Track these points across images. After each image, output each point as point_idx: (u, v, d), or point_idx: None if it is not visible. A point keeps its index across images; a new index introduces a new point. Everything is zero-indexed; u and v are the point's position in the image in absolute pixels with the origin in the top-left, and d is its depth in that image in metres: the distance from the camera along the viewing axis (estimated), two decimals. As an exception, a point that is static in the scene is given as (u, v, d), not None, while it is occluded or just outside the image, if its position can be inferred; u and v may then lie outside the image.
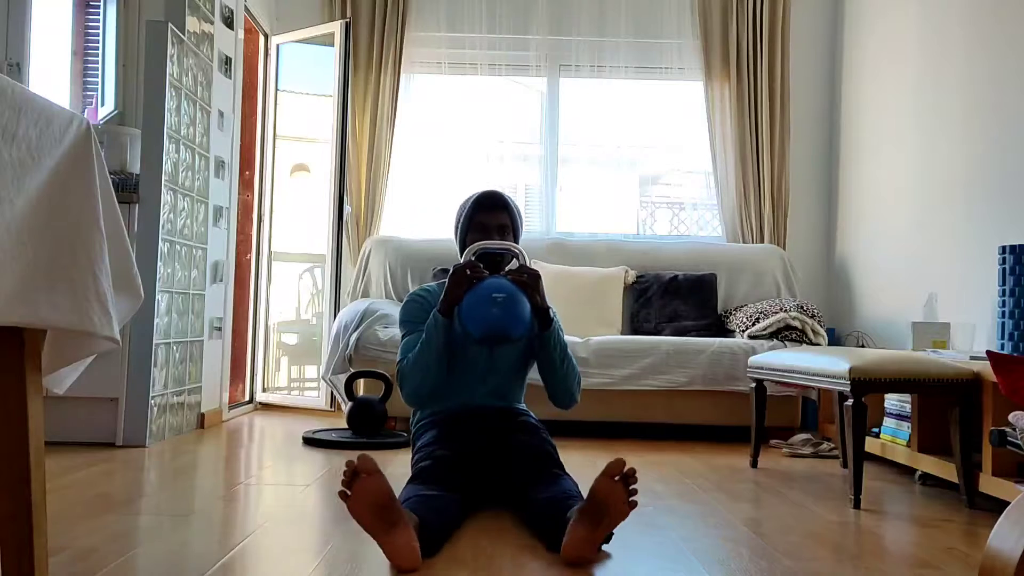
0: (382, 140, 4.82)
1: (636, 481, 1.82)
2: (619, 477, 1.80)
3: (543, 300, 2.37)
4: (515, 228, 2.55)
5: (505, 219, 2.51)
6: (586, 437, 3.82)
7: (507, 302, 2.25)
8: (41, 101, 1.24)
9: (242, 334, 4.62)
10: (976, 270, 3.41)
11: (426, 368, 2.35)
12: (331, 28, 4.61)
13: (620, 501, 1.80)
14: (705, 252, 4.64)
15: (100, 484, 2.55)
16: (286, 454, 3.22)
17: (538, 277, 2.37)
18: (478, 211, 2.51)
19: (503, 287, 2.28)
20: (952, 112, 3.64)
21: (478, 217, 2.51)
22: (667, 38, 4.91)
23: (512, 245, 2.45)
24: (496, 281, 2.30)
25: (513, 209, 2.55)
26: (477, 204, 2.52)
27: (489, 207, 2.51)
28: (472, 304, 2.27)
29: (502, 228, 2.50)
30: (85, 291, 1.27)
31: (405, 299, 2.56)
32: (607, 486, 1.79)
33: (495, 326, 2.24)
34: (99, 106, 3.76)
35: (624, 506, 1.81)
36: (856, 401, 2.57)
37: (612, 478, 1.80)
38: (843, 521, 2.35)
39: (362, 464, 1.76)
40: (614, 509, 1.81)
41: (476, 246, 2.41)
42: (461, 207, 2.58)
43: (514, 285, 2.30)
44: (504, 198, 2.54)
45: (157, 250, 3.30)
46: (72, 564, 1.73)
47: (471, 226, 2.51)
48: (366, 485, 1.75)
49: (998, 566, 1.22)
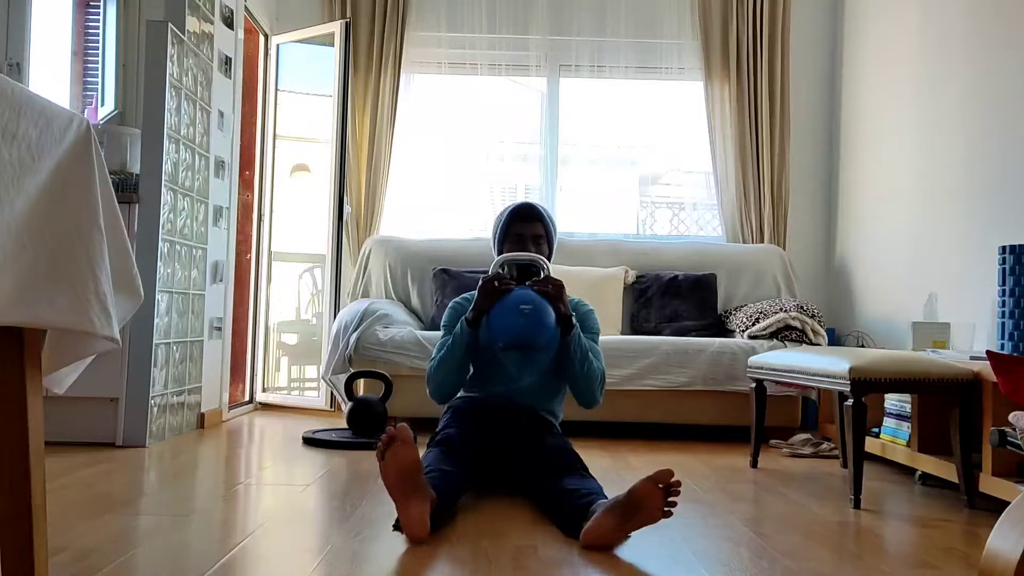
0: (382, 140, 4.82)
1: (679, 494, 1.90)
2: (663, 485, 1.88)
3: (567, 309, 2.53)
4: (549, 237, 2.72)
5: (540, 229, 2.69)
6: (586, 437, 3.82)
7: (533, 313, 2.42)
8: (41, 101, 1.24)
9: (242, 334, 4.62)
10: (976, 270, 3.41)
11: (447, 371, 2.57)
12: (331, 28, 4.61)
13: (656, 506, 1.89)
14: (705, 252, 4.64)
15: (100, 484, 2.55)
16: (286, 454, 3.22)
17: (562, 287, 2.53)
18: (514, 222, 2.70)
19: (529, 298, 2.45)
20: (952, 112, 3.64)
21: (514, 228, 2.69)
22: (667, 38, 4.91)
23: (536, 256, 2.59)
24: (523, 292, 2.47)
25: (547, 219, 2.72)
26: (513, 215, 2.70)
27: (525, 218, 2.69)
28: (500, 314, 2.45)
29: (537, 238, 2.68)
30: (85, 291, 1.27)
31: (449, 305, 2.75)
32: (650, 489, 1.88)
33: (521, 335, 2.42)
34: (99, 106, 3.76)
35: (658, 512, 1.90)
36: (856, 401, 2.57)
37: (656, 484, 1.88)
38: (843, 521, 2.35)
39: (400, 433, 1.95)
40: (649, 511, 1.89)
41: (502, 258, 2.59)
42: (498, 219, 2.76)
43: (539, 296, 2.46)
44: (538, 209, 2.72)
45: (157, 250, 3.30)
46: (72, 564, 1.73)
47: (507, 237, 2.69)
48: (400, 451, 1.94)
49: (998, 566, 1.21)
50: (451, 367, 2.56)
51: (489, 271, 2.56)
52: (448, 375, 2.57)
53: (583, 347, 2.57)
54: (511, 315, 2.43)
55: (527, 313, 2.41)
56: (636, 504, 1.89)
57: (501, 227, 2.71)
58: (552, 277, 2.54)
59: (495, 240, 2.74)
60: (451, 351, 2.55)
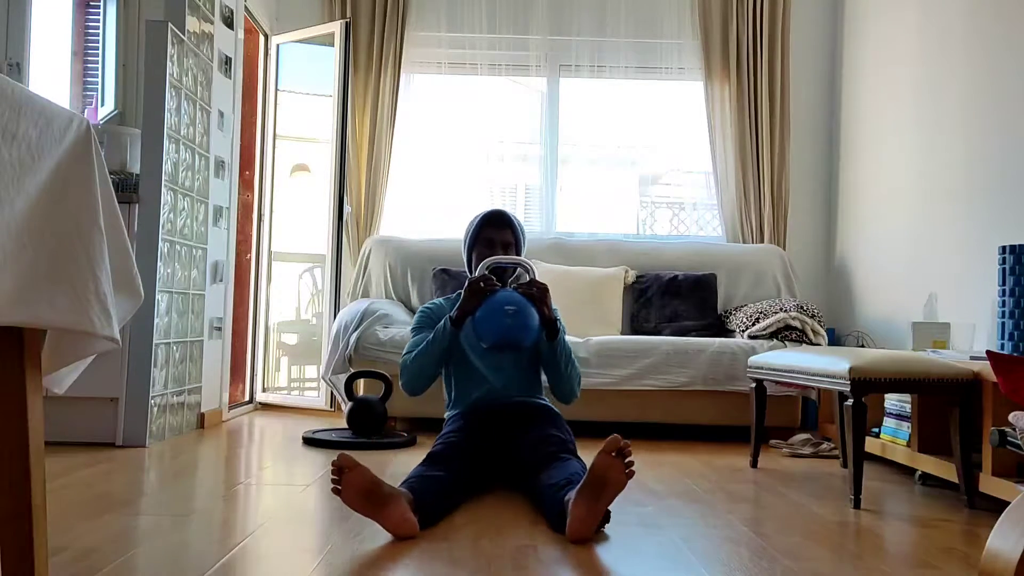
0: (382, 140, 4.82)
1: (631, 454, 1.99)
2: (616, 453, 1.96)
3: (551, 311, 2.61)
4: (518, 244, 2.82)
5: (509, 236, 2.78)
6: (586, 437, 3.82)
7: (518, 314, 2.50)
8: (41, 101, 1.24)
9: (242, 334, 4.62)
10: (976, 270, 3.41)
11: (422, 366, 2.66)
12: (331, 28, 4.61)
13: (618, 473, 1.96)
14: (705, 252, 4.64)
15: (100, 484, 2.55)
16: (286, 454, 3.22)
17: (546, 290, 2.61)
18: (485, 226, 2.78)
19: (514, 300, 2.52)
20: (952, 112, 3.64)
21: (485, 232, 2.77)
22: (667, 38, 4.91)
23: (522, 260, 2.70)
24: (508, 294, 2.55)
25: (517, 227, 2.82)
26: (485, 220, 2.79)
27: (496, 224, 2.78)
28: (485, 315, 2.52)
29: (506, 244, 2.77)
30: (85, 291, 1.27)
31: (418, 310, 2.87)
32: (607, 461, 1.96)
33: (506, 336, 2.49)
34: (99, 106, 3.76)
35: (623, 476, 1.97)
36: (856, 401, 2.57)
37: (610, 454, 1.96)
38: (843, 521, 2.35)
39: (343, 461, 2.00)
40: (614, 481, 1.97)
41: (489, 260, 2.66)
42: (470, 224, 2.85)
43: (524, 298, 2.54)
44: (509, 217, 2.81)
45: (157, 250, 3.30)
46: (72, 564, 1.73)
47: (478, 240, 2.77)
48: (351, 478, 1.99)
49: (998, 566, 1.21)
50: (429, 360, 2.64)
51: (475, 273, 2.66)
52: (425, 367, 2.65)
53: (568, 350, 2.69)
54: (496, 316, 2.50)
55: (512, 314, 2.49)
56: (600, 480, 1.96)
57: (473, 231, 2.80)
58: (537, 280, 2.62)
59: (466, 244, 2.83)
60: (431, 345, 2.64)
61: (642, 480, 2.85)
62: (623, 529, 2.16)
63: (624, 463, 1.96)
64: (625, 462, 1.96)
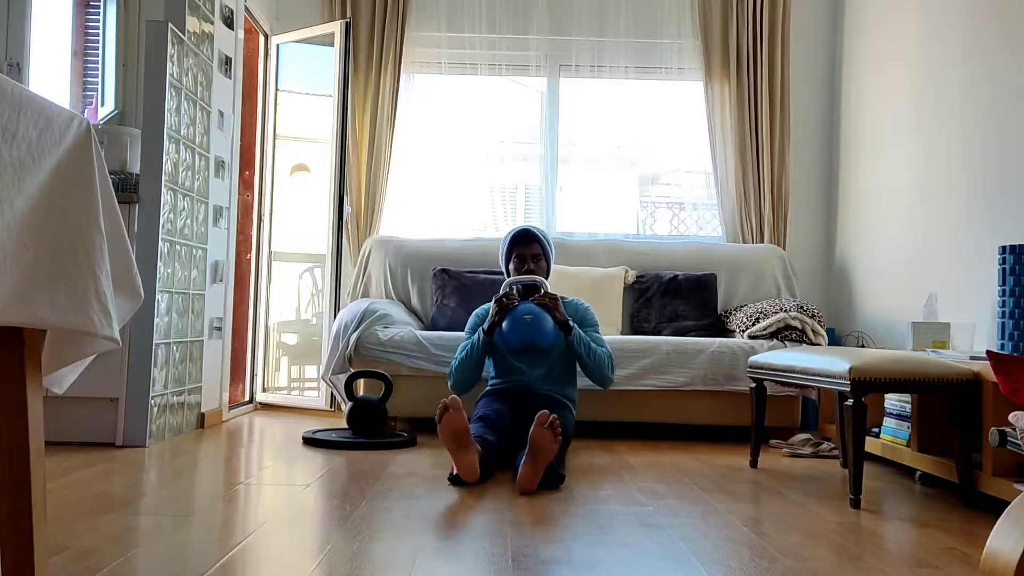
0: (382, 140, 4.82)
1: (558, 426, 2.56)
2: (547, 424, 2.54)
3: (563, 316, 3.22)
4: (546, 253, 3.39)
5: (537, 248, 3.36)
6: (586, 437, 3.83)
7: (534, 322, 3.10)
8: (41, 101, 1.24)
9: (242, 334, 4.62)
10: (976, 270, 3.41)
11: (466, 369, 3.28)
12: (331, 28, 4.61)
13: (549, 441, 2.54)
14: (705, 252, 4.64)
15: (100, 484, 2.55)
16: (286, 454, 3.22)
17: (557, 300, 3.23)
18: (515, 245, 3.37)
19: (531, 310, 3.13)
20: (952, 112, 3.64)
21: (516, 250, 3.36)
22: (667, 38, 4.92)
23: (535, 277, 3.28)
24: (526, 306, 3.16)
25: (542, 238, 3.38)
26: (513, 241, 3.38)
27: (521, 241, 3.36)
28: (510, 325, 3.13)
29: (535, 256, 3.35)
30: (85, 291, 1.26)
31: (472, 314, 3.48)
32: (539, 432, 2.54)
33: (526, 339, 3.09)
34: (99, 106, 3.76)
35: (553, 444, 2.54)
36: (856, 401, 2.57)
37: (542, 426, 2.54)
38: (843, 521, 2.35)
39: (451, 403, 2.60)
40: (546, 448, 2.54)
41: (510, 280, 3.31)
42: (503, 242, 3.43)
43: (540, 308, 3.15)
44: (533, 232, 3.37)
45: (157, 250, 3.30)
46: (72, 564, 1.73)
47: (511, 258, 3.38)
48: (451, 417, 2.59)
49: (998, 566, 1.21)
50: (469, 366, 3.27)
51: (501, 291, 3.28)
52: (466, 373, 3.28)
53: (585, 341, 3.24)
54: (518, 324, 3.10)
55: (530, 322, 3.09)
56: (536, 448, 2.53)
57: (505, 250, 3.40)
58: (549, 292, 3.23)
59: (502, 260, 3.44)
60: (470, 354, 3.27)
61: (642, 480, 2.85)
62: (623, 529, 2.16)
63: (553, 432, 2.52)
64: (554, 432, 2.52)
